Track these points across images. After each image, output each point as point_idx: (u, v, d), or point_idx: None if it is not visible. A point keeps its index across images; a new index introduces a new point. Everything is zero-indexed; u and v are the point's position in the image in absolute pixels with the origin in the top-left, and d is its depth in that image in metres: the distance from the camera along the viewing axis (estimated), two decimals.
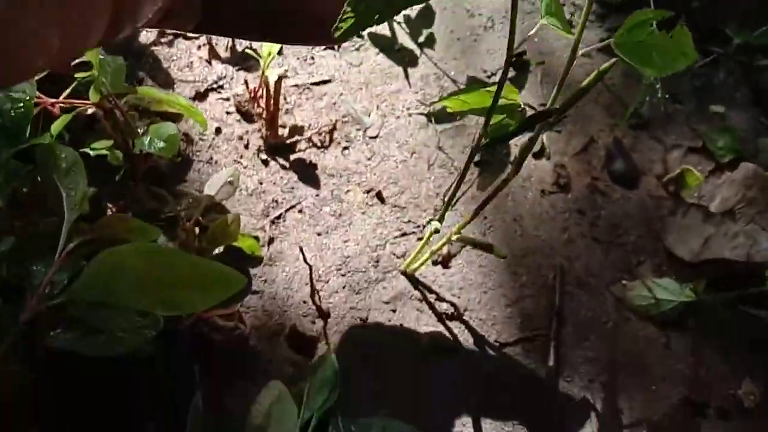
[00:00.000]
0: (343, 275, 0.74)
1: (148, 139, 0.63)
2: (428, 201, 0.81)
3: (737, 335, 0.75)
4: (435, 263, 0.77)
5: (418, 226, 0.79)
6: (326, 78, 0.87)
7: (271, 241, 0.76)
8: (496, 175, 0.83)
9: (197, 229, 0.73)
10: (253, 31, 0.49)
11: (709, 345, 0.75)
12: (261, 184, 0.79)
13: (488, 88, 0.56)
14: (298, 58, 0.89)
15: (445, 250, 0.76)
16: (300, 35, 0.50)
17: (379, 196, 0.81)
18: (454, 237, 0.67)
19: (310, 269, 0.71)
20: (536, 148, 0.86)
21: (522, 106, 0.57)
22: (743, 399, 0.71)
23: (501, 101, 0.54)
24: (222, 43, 0.88)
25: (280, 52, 0.88)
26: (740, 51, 1.00)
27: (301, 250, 0.72)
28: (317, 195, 0.80)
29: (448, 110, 0.58)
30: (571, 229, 0.80)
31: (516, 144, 0.85)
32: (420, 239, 0.78)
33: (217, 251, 0.73)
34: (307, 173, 0.81)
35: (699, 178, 0.82)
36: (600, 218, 0.82)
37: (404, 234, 0.78)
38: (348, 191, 0.81)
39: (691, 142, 0.90)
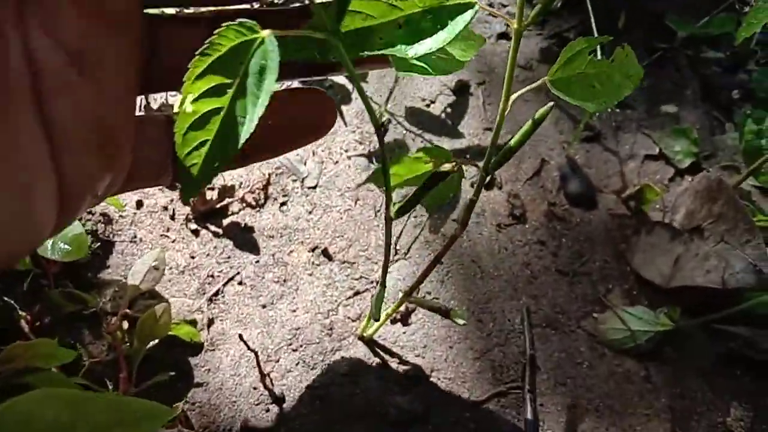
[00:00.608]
0: (295, 350, 0.68)
1: (51, 242, 0.55)
2: (379, 251, 0.75)
3: (718, 358, 0.71)
4: (393, 321, 0.71)
5: (372, 282, 0.73)
6: None
7: (210, 322, 0.69)
8: (448, 214, 0.78)
9: (126, 324, 0.65)
10: None
11: (690, 373, 0.70)
12: (193, 258, 0.72)
13: (417, 154, 0.50)
14: None
15: (402, 307, 0.70)
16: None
17: (326, 253, 0.74)
18: (407, 300, 0.61)
19: (256, 355, 0.65)
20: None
21: (454, 163, 0.51)
22: (733, 427, 0.67)
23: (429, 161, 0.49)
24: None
25: None
26: (686, 44, 0.96)
27: (241, 338, 0.65)
28: (257, 261, 0.73)
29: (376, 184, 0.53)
30: (533, 263, 0.75)
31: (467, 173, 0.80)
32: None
33: (151, 343, 0.65)
34: (244, 238, 0.74)
35: (659, 192, 0.77)
36: (561, 247, 0.77)
37: (357, 293, 0.72)
38: (291, 252, 0.74)
39: (647, 150, 0.86)
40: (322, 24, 0.33)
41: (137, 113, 0.32)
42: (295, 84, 0.71)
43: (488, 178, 0.67)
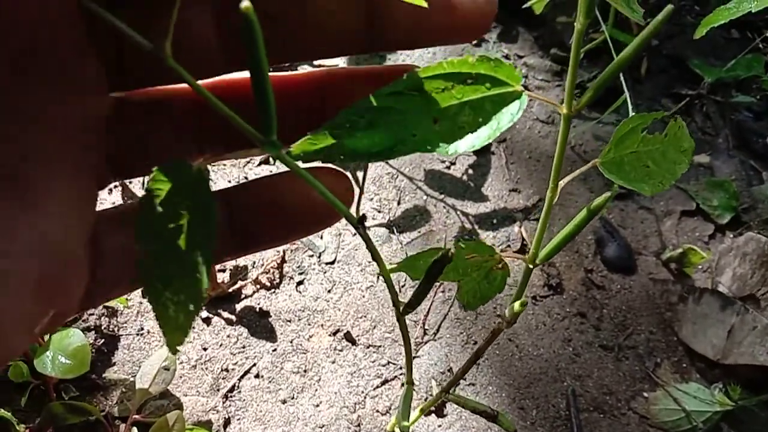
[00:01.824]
0: None
1: (51, 355, 0.49)
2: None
3: None
4: (427, 414, 0.64)
5: (401, 368, 0.67)
6: None
7: (227, 423, 0.63)
8: None
9: (135, 430, 0.59)
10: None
11: None
12: (205, 350, 0.66)
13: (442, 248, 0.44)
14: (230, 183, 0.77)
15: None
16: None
17: (348, 336, 0.68)
18: (444, 398, 0.55)
19: None
20: (516, 245, 0.75)
21: (499, 259, 0.45)
22: None
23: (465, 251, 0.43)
24: (137, 182, 0.75)
25: None
26: (713, 89, 0.91)
27: None
28: (275, 350, 0.67)
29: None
30: (575, 338, 0.69)
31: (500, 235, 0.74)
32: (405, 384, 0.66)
33: None
34: (259, 324, 0.68)
35: (704, 255, 0.72)
36: (603, 319, 0.71)
37: (385, 381, 0.66)
38: (311, 337, 0.68)
39: (683, 206, 0.81)
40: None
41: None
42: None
43: (522, 246, 0.62)
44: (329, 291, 0.71)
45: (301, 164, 0.28)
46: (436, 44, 0.32)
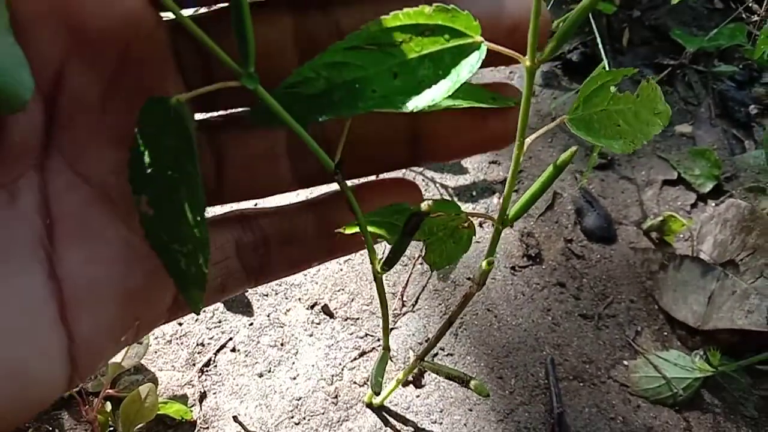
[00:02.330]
0: (297, 423, 0.61)
1: None
2: None
3: (764, 402, 0.65)
4: (405, 384, 0.64)
5: (378, 340, 0.66)
6: None
7: (203, 396, 0.62)
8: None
9: (109, 405, 0.59)
10: None
11: (735, 422, 0.64)
12: (180, 325, 0.65)
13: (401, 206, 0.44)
14: None
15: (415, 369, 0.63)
16: None
17: (326, 309, 0.68)
18: (420, 365, 0.55)
19: None
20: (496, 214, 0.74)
21: (465, 219, 0.45)
22: None
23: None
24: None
25: None
26: (695, 59, 0.91)
27: (236, 419, 0.58)
28: (251, 324, 0.66)
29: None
30: (554, 308, 0.69)
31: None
32: None
33: (138, 426, 0.58)
34: (235, 298, 0.68)
35: (684, 222, 0.71)
36: (583, 288, 0.70)
37: (363, 353, 0.65)
38: (288, 311, 0.68)
39: (665, 175, 0.80)
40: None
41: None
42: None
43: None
44: None
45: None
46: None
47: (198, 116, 0.30)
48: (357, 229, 0.36)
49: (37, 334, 0.23)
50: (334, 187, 0.33)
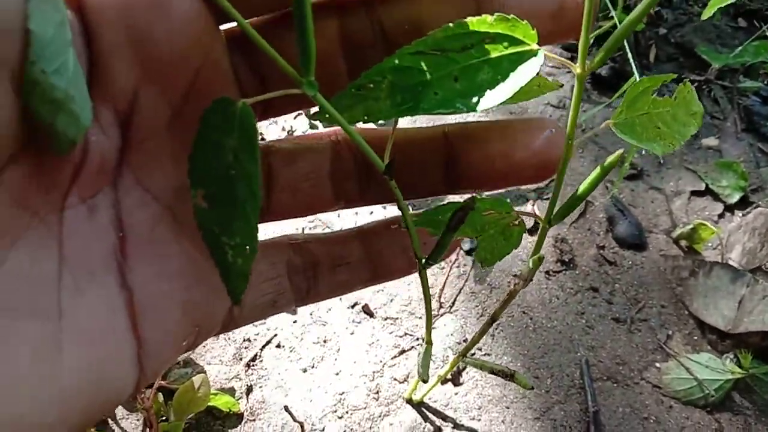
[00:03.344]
0: (340, 417, 0.63)
1: None
2: (422, 305, 0.70)
3: None
4: (444, 382, 0.66)
5: (417, 339, 0.69)
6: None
7: (249, 390, 0.64)
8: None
9: (161, 396, 0.61)
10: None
11: (766, 424, 0.65)
12: None
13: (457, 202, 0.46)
14: None
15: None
16: None
17: (366, 309, 0.70)
18: (462, 362, 0.57)
19: (302, 426, 0.60)
20: (530, 223, 0.77)
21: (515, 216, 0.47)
22: None
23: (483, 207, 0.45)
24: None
25: None
26: (720, 75, 0.93)
27: (287, 409, 0.60)
28: (295, 322, 0.69)
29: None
30: (588, 312, 0.71)
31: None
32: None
33: (190, 416, 0.61)
34: None
35: (713, 230, 0.73)
36: (615, 293, 0.72)
37: (402, 351, 0.68)
38: (329, 310, 0.70)
39: (693, 186, 0.82)
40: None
41: None
42: None
43: (534, 224, 0.63)
44: None
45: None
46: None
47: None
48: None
49: (111, 339, 0.25)
50: (375, 216, 0.36)
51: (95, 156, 0.24)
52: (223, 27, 0.27)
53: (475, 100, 0.34)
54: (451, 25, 0.33)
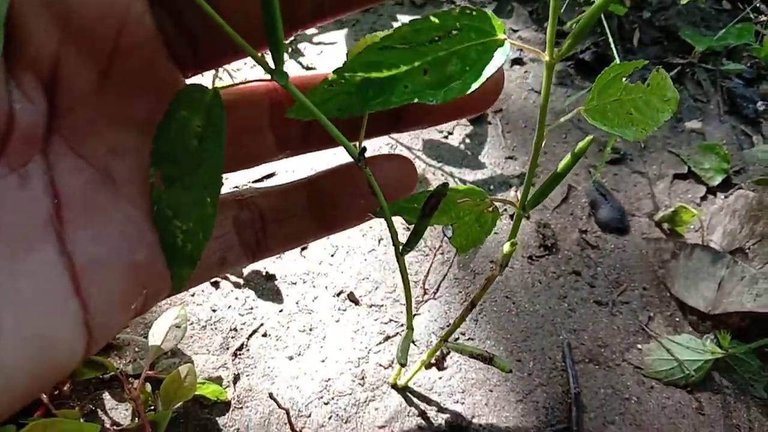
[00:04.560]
0: (326, 403, 0.64)
1: None
2: None
3: None
4: (428, 366, 0.67)
5: (402, 325, 0.69)
6: (270, 172, 0.78)
7: (236, 378, 0.65)
8: (477, 249, 0.74)
9: (149, 386, 0.62)
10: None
11: (745, 402, 0.66)
12: (214, 311, 0.69)
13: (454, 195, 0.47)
14: None
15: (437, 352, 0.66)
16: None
17: (352, 297, 0.71)
18: (444, 346, 0.58)
19: (287, 413, 0.61)
20: (512, 210, 0.77)
21: (489, 203, 0.48)
22: None
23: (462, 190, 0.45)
24: None
25: None
26: (704, 58, 0.94)
27: (272, 396, 0.61)
28: (281, 311, 0.70)
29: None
30: (570, 295, 0.72)
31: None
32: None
33: (176, 405, 0.62)
34: (266, 287, 0.71)
35: (695, 213, 0.74)
36: (597, 276, 0.73)
37: (387, 337, 0.69)
38: (315, 298, 0.71)
39: (675, 169, 0.83)
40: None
41: None
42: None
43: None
44: (332, 255, 0.74)
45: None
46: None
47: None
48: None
49: (54, 305, 0.25)
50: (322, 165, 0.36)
51: (22, 124, 0.24)
52: None
53: (444, 91, 0.35)
54: (417, 18, 0.34)
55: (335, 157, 0.67)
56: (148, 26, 0.26)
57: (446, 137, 0.83)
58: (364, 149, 0.34)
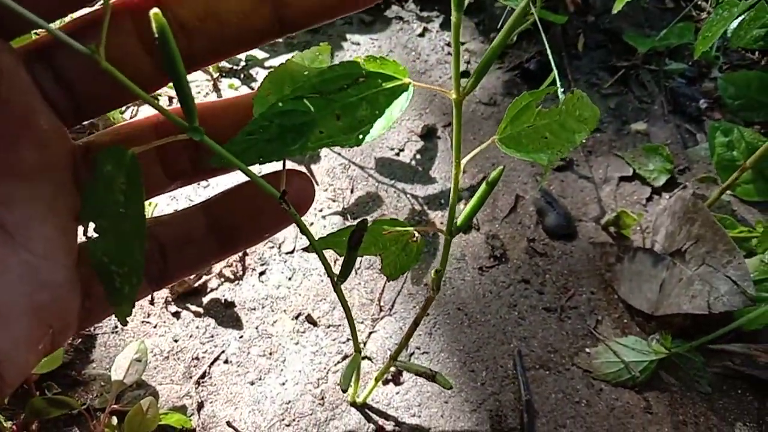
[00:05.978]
0: (288, 425, 0.67)
1: None
2: (364, 310, 0.74)
3: (717, 379, 0.70)
4: (385, 382, 0.70)
5: (360, 343, 0.72)
6: None
7: (200, 406, 0.68)
8: (429, 263, 0.77)
9: (115, 420, 0.64)
10: None
11: (690, 398, 0.69)
12: (176, 341, 0.71)
13: (379, 225, 0.49)
14: None
15: (392, 367, 0.69)
16: None
17: (310, 318, 0.73)
18: (392, 366, 0.60)
19: None
20: None
21: (414, 233, 0.50)
22: None
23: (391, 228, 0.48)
24: None
25: None
26: (647, 59, 0.96)
27: (230, 424, 0.64)
28: (241, 337, 0.72)
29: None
30: (520, 303, 0.74)
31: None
32: (365, 357, 0.71)
33: None
34: (226, 314, 0.73)
35: (635, 217, 0.77)
36: (546, 283, 0.76)
37: (345, 356, 0.71)
38: (275, 322, 0.73)
39: (621, 172, 0.85)
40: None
41: None
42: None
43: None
44: (290, 278, 0.76)
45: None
46: (334, 18, 0.36)
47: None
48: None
49: None
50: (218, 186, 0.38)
51: None
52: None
53: (357, 134, 0.37)
54: (324, 67, 0.36)
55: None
56: (23, 79, 0.27)
57: (398, 154, 0.85)
58: (285, 192, 0.36)
